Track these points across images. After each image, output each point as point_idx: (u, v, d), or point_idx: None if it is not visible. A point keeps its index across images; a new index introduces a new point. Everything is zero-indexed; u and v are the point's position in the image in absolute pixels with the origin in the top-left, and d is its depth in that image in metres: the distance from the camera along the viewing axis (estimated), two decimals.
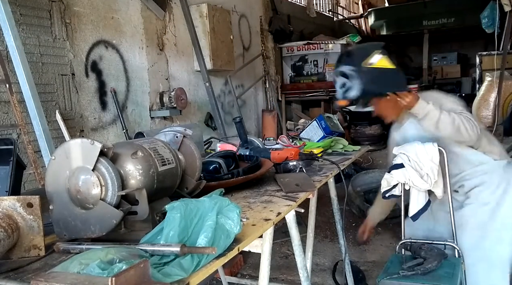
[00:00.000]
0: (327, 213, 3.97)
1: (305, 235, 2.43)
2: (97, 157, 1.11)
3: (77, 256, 0.95)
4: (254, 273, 3.39)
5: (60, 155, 1.16)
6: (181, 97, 4.11)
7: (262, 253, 1.43)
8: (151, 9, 4.11)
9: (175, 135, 1.54)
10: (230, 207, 1.11)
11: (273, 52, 6.74)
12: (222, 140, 2.87)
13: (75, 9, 3.29)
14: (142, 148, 1.24)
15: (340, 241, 2.69)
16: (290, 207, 1.54)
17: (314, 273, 3.23)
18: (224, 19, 5.00)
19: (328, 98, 6.63)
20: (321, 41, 6.87)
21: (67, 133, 3.01)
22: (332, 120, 3.17)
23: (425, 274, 1.85)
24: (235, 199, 1.64)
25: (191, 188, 1.47)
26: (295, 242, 1.78)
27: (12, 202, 1.12)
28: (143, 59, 3.99)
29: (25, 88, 2.60)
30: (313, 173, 2.07)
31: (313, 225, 2.53)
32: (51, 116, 3.02)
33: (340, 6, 10.65)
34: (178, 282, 0.92)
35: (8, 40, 2.57)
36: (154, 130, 2.98)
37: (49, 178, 1.17)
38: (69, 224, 1.15)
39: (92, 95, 3.44)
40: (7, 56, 2.66)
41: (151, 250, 1.02)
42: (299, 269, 1.83)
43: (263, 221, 1.34)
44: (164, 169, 1.28)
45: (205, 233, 1.02)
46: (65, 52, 3.20)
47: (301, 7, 8.10)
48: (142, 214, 1.15)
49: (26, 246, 1.13)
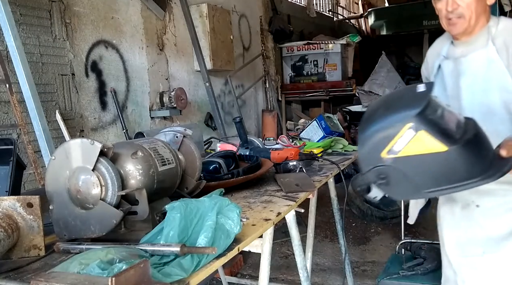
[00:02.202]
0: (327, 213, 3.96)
1: (305, 235, 2.43)
2: (97, 157, 1.11)
3: (77, 256, 0.95)
4: (254, 273, 3.38)
5: (60, 155, 1.16)
6: (181, 97, 4.10)
7: (262, 253, 1.43)
8: (151, 9, 4.11)
9: (175, 135, 1.54)
10: (230, 207, 1.11)
11: (273, 52, 6.74)
12: (222, 140, 2.87)
13: (75, 9, 3.29)
14: (142, 148, 1.24)
15: (340, 241, 2.68)
16: (290, 207, 1.54)
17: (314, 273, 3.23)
18: (224, 19, 5.00)
19: (328, 98, 6.64)
20: (321, 41, 6.87)
21: (67, 133, 3.01)
22: (332, 120, 3.17)
23: (425, 274, 1.86)
24: (235, 199, 1.64)
25: (191, 188, 1.47)
26: (295, 242, 1.78)
27: (12, 202, 1.12)
28: (143, 59, 3.99)
29: (25, 88, 2.60)
30: (313, 173, 2.07)
31: (313, 225, 2.53)
32: (51, 116, 3.01)
33: (340, 6, 10.65)
34: (178, 282, 0.92)
35: (8, 40, 2.57)
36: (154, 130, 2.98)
37: (49, 178, 1.17)
38: (69, 224, 1.15)
39: (92, 95, 3.44)
40: (7, 56, 2.66)
41: (151, 250, 1.02)
42: (299, 269, 1.82)
43: (263, 221, 1.34)
44: (164, 169, 1.28)
45: (205, 233, 1.02)
46: (65, 52, 3.20)
47: (301, 7, 8.09)
48: (142, 214, 1.15)
49: (26, 246, 1.13)
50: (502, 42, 1.49)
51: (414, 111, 1.06)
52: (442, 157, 1.04)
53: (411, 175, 1.08)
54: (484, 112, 1.50)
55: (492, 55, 1.49)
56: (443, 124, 1.08)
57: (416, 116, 1.05)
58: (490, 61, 1.49)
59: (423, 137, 1.04)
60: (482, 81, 1.52)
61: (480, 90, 1.52)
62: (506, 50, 1.48)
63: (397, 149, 1.05)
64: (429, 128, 1.05)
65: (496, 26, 1.54)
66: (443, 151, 1.03)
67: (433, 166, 1.07)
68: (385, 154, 1.07)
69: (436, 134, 1.04)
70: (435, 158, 1.05)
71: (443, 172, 1.08)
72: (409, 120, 1.05)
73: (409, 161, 1.06)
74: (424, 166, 1.07)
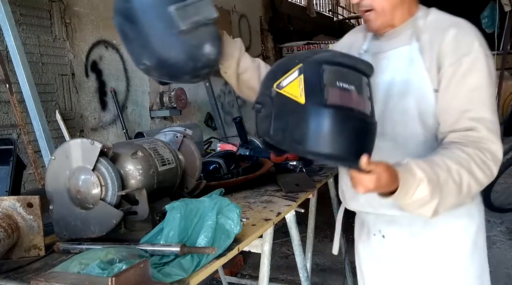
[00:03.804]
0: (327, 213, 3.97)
1: (305, 235, 2.43)
2: (97, 157, 1.11)
3: (77, 256, 0.95)
4: (254, 273, 3.38)
5: (60, 155, 1.16)
6: (181, 97, 4.11)
7: (262, 253, 1.43)
8: None
9: (175, 135, 1.54)
10: (230, 207, 1.11)
11: (273, 52, 6.74)
12: (222, 140, 2.87)
13: (75, 9, 3.29)
14: (142, 148, 1.24)
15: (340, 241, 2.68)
16: (290, 207, 1.54)
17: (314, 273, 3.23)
18: (224, 19, 5.00)
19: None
20: (321, 41, 6.87)
21: (67, 133, 3.02)
22: None
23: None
24: (235, 199, 1.64)
25: (191, 188, 1.47)
26: (295, 242, 1.78)
27: (12, 202, 1.12)
28: None
29: (25, 88, 2.60)
30: (313, 173, 2.07)
31: (313, 225, 2.53)
32: (51, 116, 3.02)
33: (340, 6, 10.65)
34: (178, 282, 0.92)
35: (8, 40, 2.57)
36: (154, 130, 2.98)
37: (49, 178, 1.17)
38: (69, 224, 1.15)
39: (92, 95, 3.44)
40: (7, 56, 2.66)
41: (151, 250, 1.02)
42: (299, 269, 1.82)
43: (263, 221, 1.34)
44: (164, 169, 1.28)
45: (205, 233, 1.02)
46: (65, 52, 3.20)
47: (301, 7, 8.10)
48: (142, 214, 1.15)
49: (26, 246, 1.13)
50: (428, 38, 1.22)
51: (312, 57, 1.03)
52: (301, 109, 0.99)
53: (281, 117, 1.02)
54: (396, 121, 1.24)
55: (414, 54, 1.23)
56: (328, 83, 1.00)
57: (309, 60, 1.02)
58: (411, 61, 1.23)
59: (300, 82, 1.00)
60: (400, 84, 1.25)
61: (396, 94, 1.25)
62: (431, 49, 1.20)
63: (283, 85, 1.03)
64: (309, 76, 1.00)
65: (425, 18, 1.26)
66: (301, 103, 0.99)
67: (294, 118, 1.00)
68: (275, 86, 1.04)
69: (308, 86, 0.99)
70: (296, 108, 0.99)
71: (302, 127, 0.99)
72: (302, 62, 1.02)
73: (285, 101, 1.01)
74: (290, 113, 1.01)
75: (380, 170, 0.98)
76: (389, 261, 1.39)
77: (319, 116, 0.98)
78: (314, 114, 0.98)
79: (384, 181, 0.99)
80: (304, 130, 0.98)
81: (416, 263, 1.34)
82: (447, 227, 1.30)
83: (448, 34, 1.19)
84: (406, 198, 1.04)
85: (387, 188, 1.01)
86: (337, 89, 1.00)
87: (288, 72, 1.03)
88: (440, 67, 1.19)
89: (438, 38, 1.20)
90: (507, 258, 3.42)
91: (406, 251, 1.35)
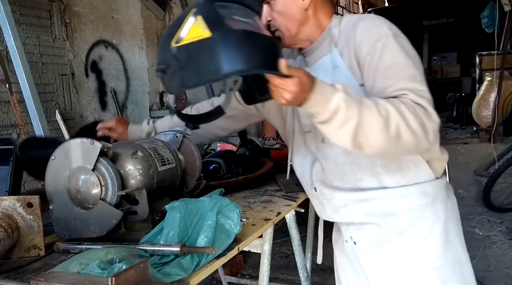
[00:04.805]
0: None
1: (305, 235, 2.43)
2: (97, 157, 1.11)
3: (77, 256, 0.95)
4: (254, 273, 3.38)
5: (60, 155, 1.16)
6: (181, 97, 4.11)
7: (262, 253, 1.43)
8: (151, 9, 4.11)
9: (175, 135, 1.53)
10: (230, 207, 1.11)
11: None
12: (222, 140, 2.87)
13: (75, 9, 3.29)
14: (142, 148, 1.24)
15: None
16: (290, 207, 1.54)
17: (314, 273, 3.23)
18: None
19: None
20: None
21: (67, 133, 3.02)
22: None
23: None
24: (235, 199, 1.64)
25: (191, 188, 1.47)
26: (295, 242, 1.78)
27: (12, 202, 1.12)
28: (143, 59, 3.99)
29: (25, 88, 2.60)
30: None
31: (313, 225, 2.53)
32: (51, 116, 3.02)
33: (340, 6, 10.65)
34: (178, 282, 0.92)
35: (8, 40, 2.57)
36: None
37: (49, 178, 1.17)
38: (69, 224, 1.15)
39: (92, 95, 3.44)
40: (7, 56, 2.66)
41: (151, 250, 1.02)
42: (299, 269, 1.83)
43: (263, 221, 1.34)
44: (164, 169, 1.28)
45: (205, 233, 1.02)
46: (65, 52, 3.20)
47: None
48: (142, 214, 1.15)
49: (26, 246, 1.13)
50: (344, 41, 1.26)
51: (202, 0, 1.07)
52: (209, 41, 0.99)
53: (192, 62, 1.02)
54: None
55: (336, 60, 1.26)
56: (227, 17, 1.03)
57: (201, 3, 1.06)
58: (335, 67, 1.26)
59: (200, 22, 1.01)
60: None
61: None
62: (348, 48, 1.24)
63: (182, 36, 1.03)
64: (207, 13, 1.03)
65: (339, 26, 1.30)
66: (208, 37, 0.99)
67: (205, 53, 1.00)
68: (173, 43, 1.03)
69: (208, 20, 1.01)
70: (204, 43, 1.00)
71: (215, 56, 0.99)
72: (194, 7, 1.05)
73: (189, 48, 1.01)
74: (199, 53, 1.00)
75: (300, 74, 1.01)
76: (363, 267, 1.41)
77: (229, 39, 0.99)
78: (224, 38, 0.99)
79: (306, 85, 1.01)
80: (218, 57, 0.98)
81: (388, 269, 1.35)
82: (413, 231, 1.31)
83: (358, 29, 1.23)
84: (320, 105, 1.03)
85: (309, 91, 1.02)
86: (235, 21, 1.03)
87: (183, 23, 1.03)
88: (359, 60, 1.21)
89: (351, 36, 1.23)
90: (507, 258, 3.42)
91: (377, 257, 1.37)
